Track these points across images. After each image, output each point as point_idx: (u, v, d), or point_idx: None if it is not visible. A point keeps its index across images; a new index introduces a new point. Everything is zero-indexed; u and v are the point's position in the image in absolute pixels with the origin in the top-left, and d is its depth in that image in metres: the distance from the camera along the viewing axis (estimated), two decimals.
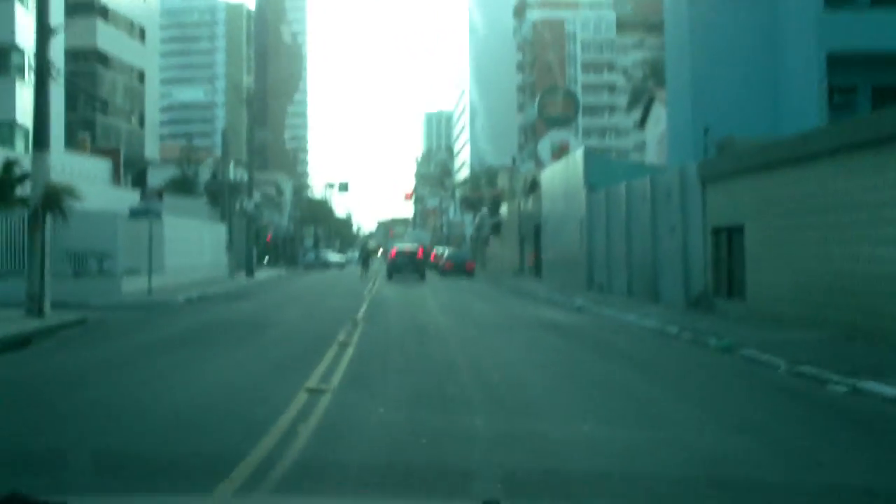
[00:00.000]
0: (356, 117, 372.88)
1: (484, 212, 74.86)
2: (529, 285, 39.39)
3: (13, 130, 41.08)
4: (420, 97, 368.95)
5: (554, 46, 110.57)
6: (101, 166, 47.92)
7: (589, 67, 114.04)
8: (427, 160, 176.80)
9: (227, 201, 51.25)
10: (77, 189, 25.30)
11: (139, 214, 29.83)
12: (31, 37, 22.17)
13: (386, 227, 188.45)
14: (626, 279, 29.70)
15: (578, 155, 38.11)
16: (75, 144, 48.60)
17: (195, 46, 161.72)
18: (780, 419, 9.57)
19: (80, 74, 54.19)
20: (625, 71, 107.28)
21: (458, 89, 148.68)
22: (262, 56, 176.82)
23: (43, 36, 21.00)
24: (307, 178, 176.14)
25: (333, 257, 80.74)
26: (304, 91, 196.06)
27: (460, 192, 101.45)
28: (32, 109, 21.13)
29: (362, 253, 58.97)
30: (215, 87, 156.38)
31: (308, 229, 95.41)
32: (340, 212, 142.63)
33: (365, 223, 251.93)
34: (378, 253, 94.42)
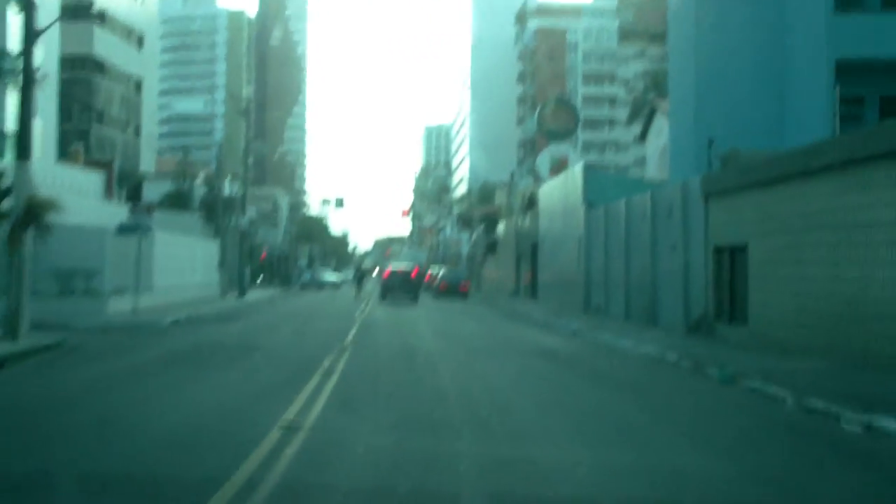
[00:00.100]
0: (355, 131, 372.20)
1: (480, 230, 74.08)
2: (525, 307, 38.60)
3: (3, 139, 40.25)
4: (420, 110, 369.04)
5: (555, 56, 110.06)
6: (94, 179, 47.07)
7: (590, 79, 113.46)
8: (425, 176, 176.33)
9: (221, 217, 50.42)
10: (61, 202, 24.53)
11: (128, 230, 29.06)
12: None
13: (383, 245, 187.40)
14: (624, 301, 28.91)
15: (577, 170, 37.36)
16: (69, 156, 47.70)
17: (195, 56, 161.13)
18: (792, 464, 8.77)
19: (76, 82, 53.35)
20: (626, 83, 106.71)
21: (458, 102, 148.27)
22: (262, 67, 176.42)
23: (29, 40, 20.16)
24: (304, 195, 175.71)
25: (329, 277, 79.84)
26: (303, 104, 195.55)
27: (457, 210, 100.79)
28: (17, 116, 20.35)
29: (357, 273, 58.34)
30: (215, 98, 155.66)
31: (303, 248, 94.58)
32: (337, 229, 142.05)
33: (361, 241, 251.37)
34: (373, 272, 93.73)
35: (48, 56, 41.06)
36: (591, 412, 11.54)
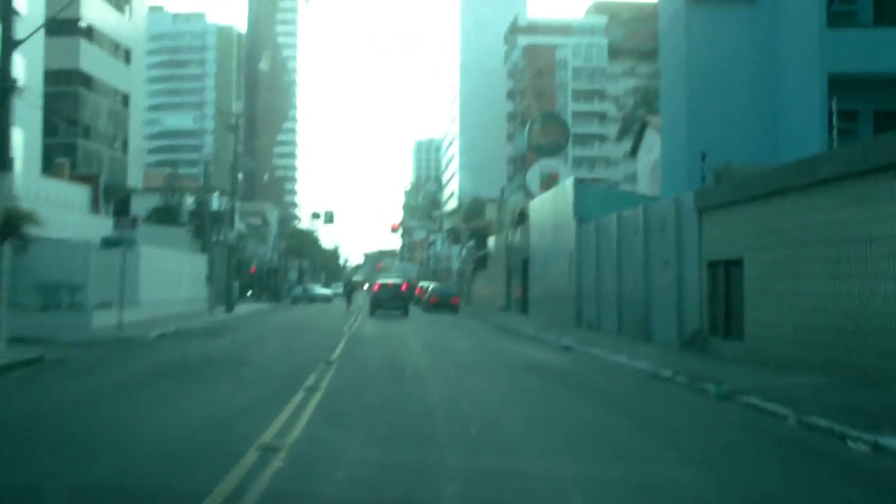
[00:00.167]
0: (345, 146, 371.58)
1: (470, 245, 73.67)
2: (516, 322, 38.13)
3: None
4: (410, 125, 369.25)
5: (544, 73, 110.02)
6: (80, 193, 46.50)
7: (579, 95, 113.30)
8: (415, 191, 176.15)
9: (208, 231, 50.02)
10: (41, 215, 24.00)
11: (112, 244, 28.40)
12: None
13: (373, 259, 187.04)
14: (617, 316, 28.50)
15: (568, 184, 37.00)
16: (54, 170, 47.10)
17: (185, 72, 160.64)
18: (799, 486, 8.33)
19: (62, 96, 52.74)
20: (616, 99, 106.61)
21: (448, 117, 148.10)
22: (251, 83, 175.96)
23: (7, 49, 19.68)
24: (295, 209, 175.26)
25: (320, 291, 79.54)
26: (293, 118, 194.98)
27: (448, 224, 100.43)
28: None
29: (346, 287, 58.07)
30: (204, 113, 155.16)
31: (293, 262, 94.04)
32: (328, 243, 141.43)
33: (352, 255, 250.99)
34: (364, 286, 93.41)
35: (33, 69, 40.66)
36: (584, 429, 11.13)
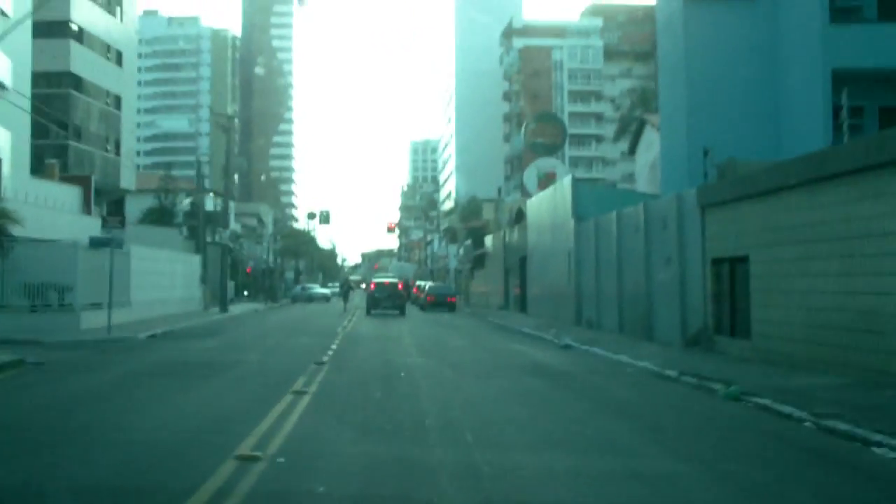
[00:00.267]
0: (342, 147, 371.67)
1: (468, 244, 73.05)
2: (514, 320, 37.45)
3: None
4: (406, 125, 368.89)
5: (540, 75, 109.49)
6: (70, 194, 45.91)
7: (576, 96, 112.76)
8: (412, 191, 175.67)
9: (202, 232, 49.42)
10: (19, 213, 23.38)
11: (100, 244, 27.87)
12: None
13: (371, 259, 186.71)
14: (618, 315, 27.85)
15: (566, 182, 36.35)
16: (44, 171, 46.43)
17: (180, 76, 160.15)
18: (830, 500, 7.62)
19: (53, 98, 52.08)
20: (612, 100, 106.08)
21: (444, 118, 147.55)
22: (246, 84, 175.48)
23: None
24: (292, 209, 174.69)
25: (318, 290, 79.27)
26: (289, 120, 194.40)
27: (445, 224, 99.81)
28: None
29: (343, 286, 57.54)
30: (199, 116, 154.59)
31: (289, 262, 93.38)
32: (325, 243, 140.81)
33: (350, 255, 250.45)
34: (361, 286, 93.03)
35: (20, 71, 40.00)
36: (589, 435, 10.39)
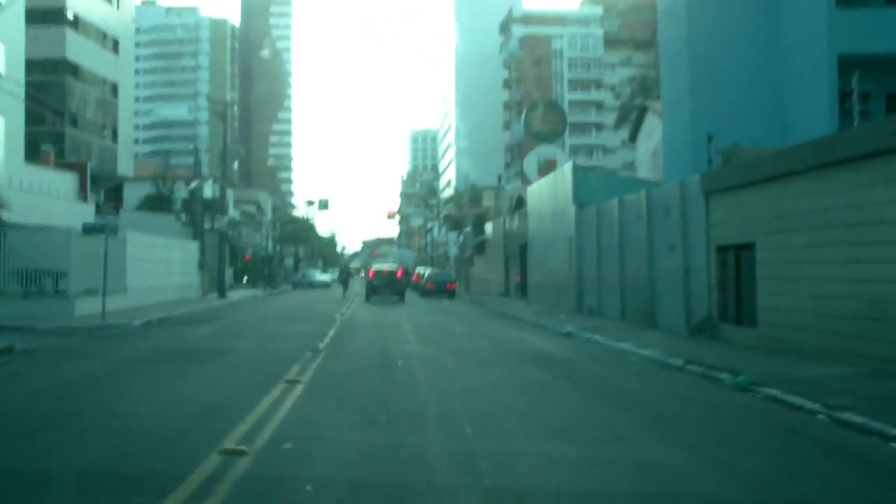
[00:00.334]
0: (342, 135, 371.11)
1: (468, 231, 72.66)
2: (514, 308, 37.04)
3: None
4: (406, 114, 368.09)
5: (540, 63, 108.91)
6: (66, 181, 45.50)
7: (576, 85, 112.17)
8: (412, 179, 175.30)
9: (200, 218, 49.02)
10: (7, 198, 23.01)
11: (93, 230, 27.63)
12: None
13: (371, 246, 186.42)
14: (620, 302, 27.43)
15: (567, 169, 35.88)
16: (40, 158, 46.01)
17: (179, 63, 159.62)
18: (852, 499, 7.21)
19: (49, 85, 51.70)
20: (612, 89, 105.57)
21: (444, 106, 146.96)
22: (246, 73, 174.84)
23: None
24: (291, 196, 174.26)
25: (319, 277, 79.30)
26: (288, 108, 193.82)
27: (445, 212, 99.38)
28: None
29: (342, 273, 57.30)
30: (198, 104, 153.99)
31: (289, 249, 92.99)
32: (325, 231, 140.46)
33: (350, 243, 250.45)
34: (361, 273, 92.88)
35: (14, 58, 39.57)
36: (594, 429, 9.95)
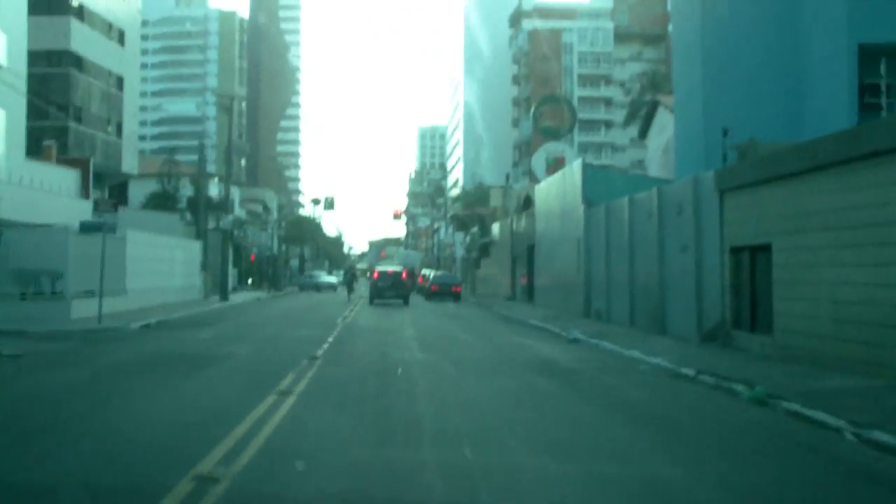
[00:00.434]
0: (350, 133, 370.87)
1: (474, 231, 71.85)
2: (521, 311, 36.23)
3: None
4: (414, 111, 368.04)
5: (550, 58, 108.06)
6: (68, 177, 44.78)
7: (585, 80, 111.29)
8: (420, 178, 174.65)
9: (203, 217, 48.32)
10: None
11: (91, 228, 26.98)
12: None
13: (378, 247, 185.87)
14: (628, 306, 26.62)
15: (576, 167, 35.08)
16: (42, 153, 45.25)
17: (187, 58, 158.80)
18: None
19: (52, 77, 50.95)
20: (622, 84, 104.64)
21: (453, 103, 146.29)
22: (254, 68, 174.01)
23: None
24: (298, 195, 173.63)
25: (326, 278, 77.96)
26: (296, 105, 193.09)
27: (452, 211, 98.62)
28: None
29: (347, 274, 56.61)
30: (206, 100, 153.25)
31: (295, 249, 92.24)
32: (331, 230, 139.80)
33: (357, 243, 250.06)
34: (367, 274, 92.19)
35: (16, 49, 38.85)
36: (601, 446, 9.25)
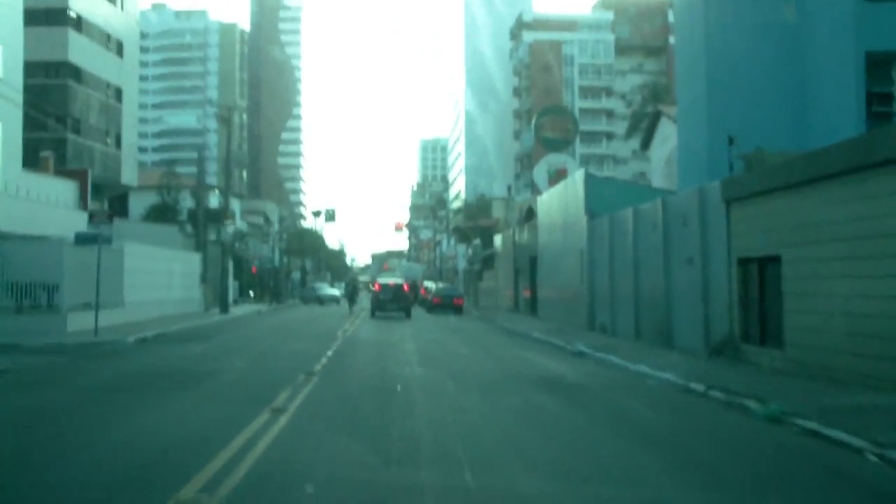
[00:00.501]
0: (352, 145, 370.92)
1: (476, 243, 71.36)
2: (523, 324, 35.67)
3: None
4: (416, 124, 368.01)
5: (551, 70, 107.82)
6: (66, 188, 44.37)
7: (586, 92, 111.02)
8: (422, 191, 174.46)
9: (203, 229, 47.86)
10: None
11: (86, 240, 26.57)
12: None
13: (381, 259, 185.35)
14: (634, 319, 26.11)
15: (578, 177, 34.58)
16: (39, 164, 44.83)
17: (188, 70, 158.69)
18: None
19: (50, 88, 50.61)
20: (623, 96, 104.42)
21: (454, 116, 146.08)
22: (255, 79, 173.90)
23: None
24: (300, 207, 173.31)
25: (329, 291, 77.17)
26: (297, 117, 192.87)
27: (454, 223, 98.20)
28: None
29: (348, 287, 56.14)
30: (207, 112, 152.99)
31: (296, 261, 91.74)
32: (334, 243, 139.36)
33: (360, 255, 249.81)
34: (369, 287, 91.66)
35: (12, 60, 38.49)
36: (614, 472, 8.68)
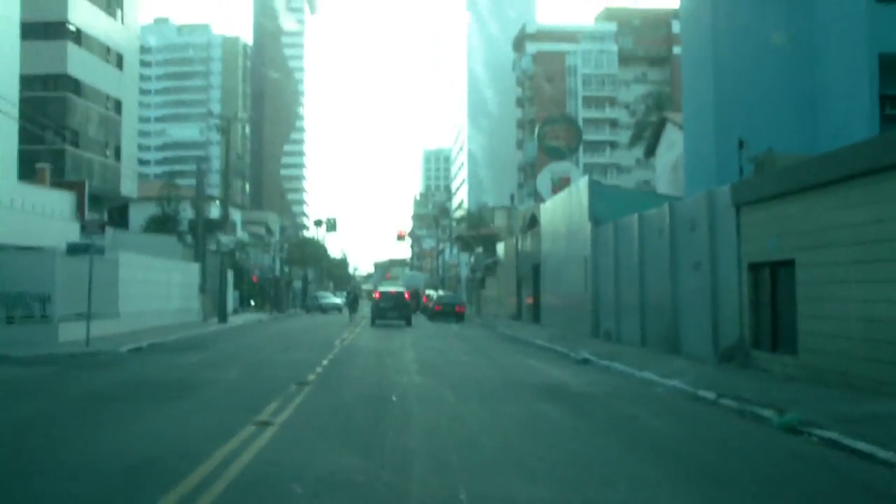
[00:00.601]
0: (354, 156, 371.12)
1: (479, 251, 70.87)
2: (527, 332, 35.05)
3: None
4: (419, 134, 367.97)
5: (554, 80, 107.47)
6: (63, 200, 43.85)
7: (590, 102, 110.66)
8: (425, 200, 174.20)
9: (202, 239, 47.32)
10: None
11: (78, 250, 26.25)
12: None
13: (383, 268, 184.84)
14: (639, 326, 25.47)
15: (582, 184, 33.98)
16: (36, 176, 44.38)
17: (190, 83, 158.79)
18: None
19: (49, 101, 50.23)
20: (627, 106, 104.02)
21: (457, 126, 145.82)
22: (258, 92, 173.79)
23: None
24: (303, 218, 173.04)
25: (332, 300, 76.65)
26: (300, 129, 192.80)
27: (457, 232, 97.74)
28: None
29: (349, 295, 55.76)
30: (210, 124, 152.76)
31: (298, 270, 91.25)
32: (336, 252, 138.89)
33: (363, 264, 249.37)
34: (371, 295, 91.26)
35: (8, 73, 38.10)
36: (624, 490, 7.99)
